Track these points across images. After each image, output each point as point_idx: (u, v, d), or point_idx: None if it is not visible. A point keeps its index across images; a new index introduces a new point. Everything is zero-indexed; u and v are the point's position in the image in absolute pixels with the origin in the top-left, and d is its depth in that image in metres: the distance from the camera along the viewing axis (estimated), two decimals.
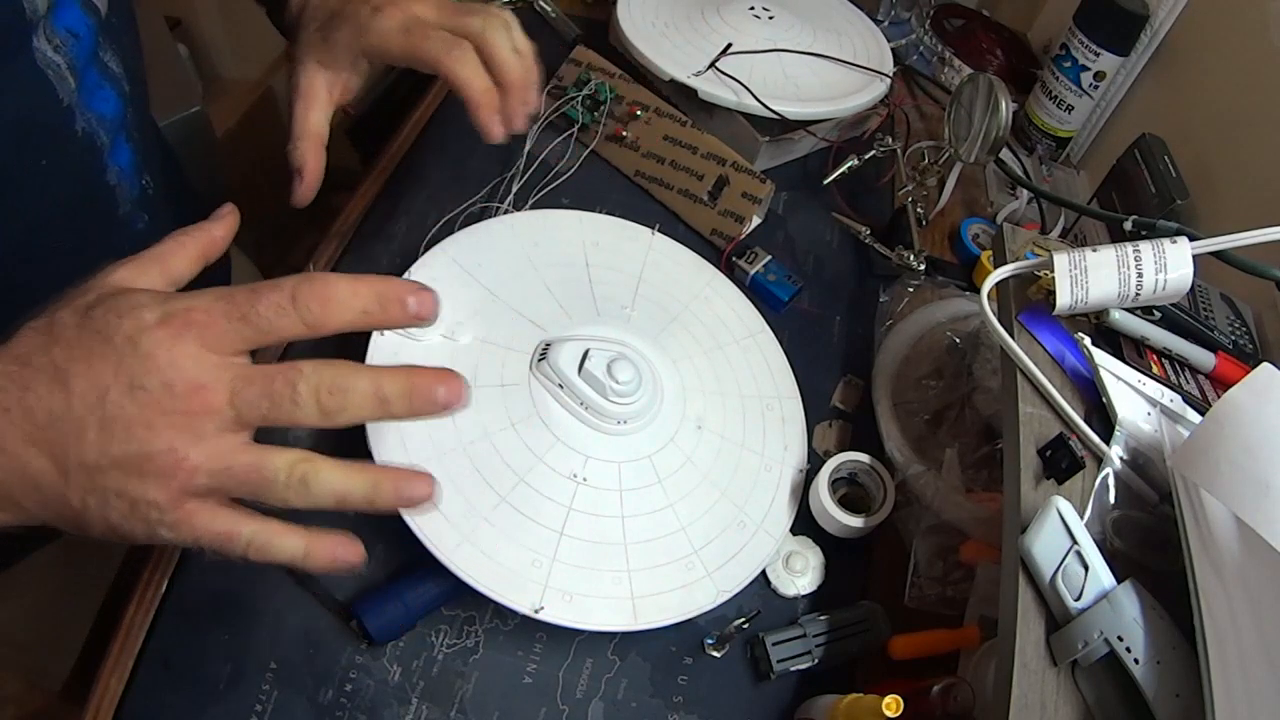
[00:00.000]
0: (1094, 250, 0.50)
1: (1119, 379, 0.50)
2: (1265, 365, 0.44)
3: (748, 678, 0.55)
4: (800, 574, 0.58)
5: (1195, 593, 0.40)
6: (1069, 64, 0.86)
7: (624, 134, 0.78)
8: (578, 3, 0.94)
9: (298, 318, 0.33)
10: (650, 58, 0.80)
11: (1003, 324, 0.53)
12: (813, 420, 0.66)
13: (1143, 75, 0.85)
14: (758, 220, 0.75)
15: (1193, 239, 0.49)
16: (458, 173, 0.74)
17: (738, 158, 0.75)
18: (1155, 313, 0.54)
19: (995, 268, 0.54)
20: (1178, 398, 0.51)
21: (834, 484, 0.60)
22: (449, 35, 0.51)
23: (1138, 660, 0.39)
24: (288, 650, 0.50)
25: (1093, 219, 0.78)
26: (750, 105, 0.76)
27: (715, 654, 0.55)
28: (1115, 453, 0.47)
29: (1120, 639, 0.40)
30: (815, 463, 0.61)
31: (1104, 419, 0.49)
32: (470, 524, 0.50)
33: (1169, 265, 0.48)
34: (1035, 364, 0.50)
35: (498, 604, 0.49)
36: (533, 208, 0.70)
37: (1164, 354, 0.54)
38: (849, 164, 0.78)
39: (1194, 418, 0.50)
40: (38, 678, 0.76)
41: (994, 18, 1.06)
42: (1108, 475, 0.47)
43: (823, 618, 0.56)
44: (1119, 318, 0.52)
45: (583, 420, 0.56)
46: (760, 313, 0.69)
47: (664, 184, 0.77)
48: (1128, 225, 0.57)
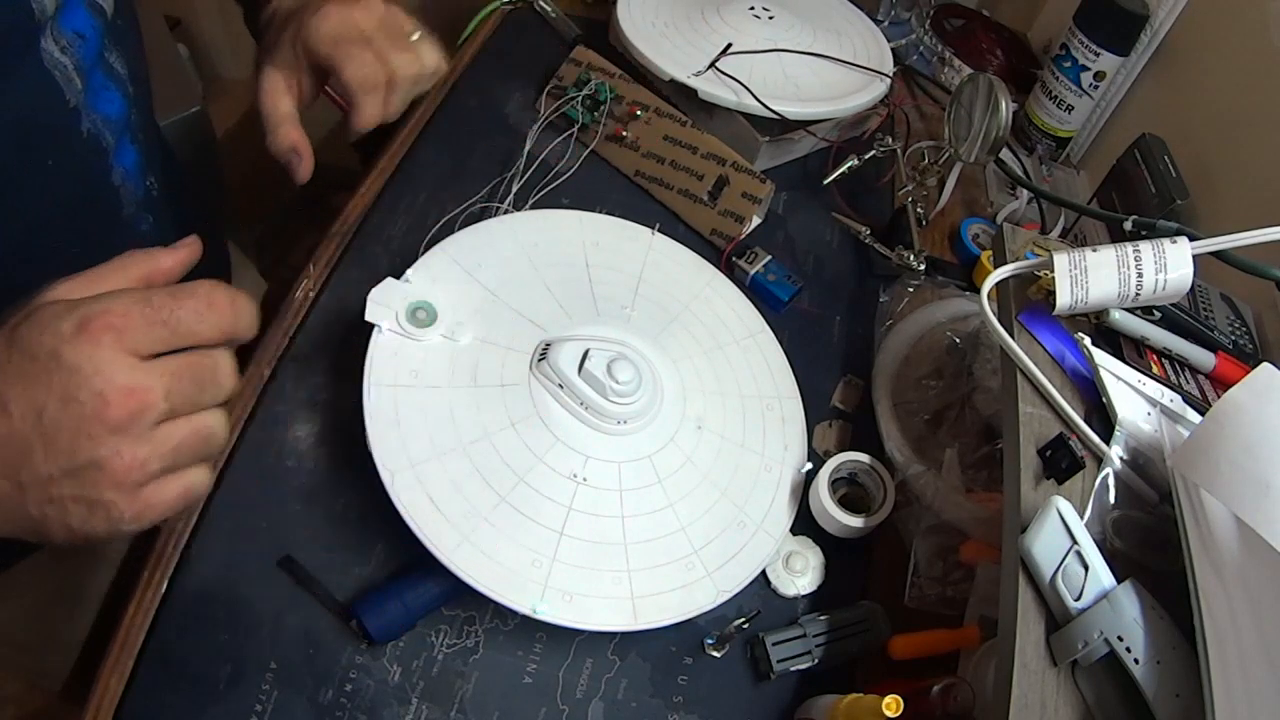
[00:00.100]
0: (1094, 250, 0.50)
1: (1119, 379, 0.50)
2: (1265, 365, 0.44)
3: (748, 678, 0.55)
4: (800, 574, 0.58)
5: (1195, 593, 0.40)
6: (1069, 64, 0.86)
7: (624, 134, 0.78)
8: (578, 3, 0.94)
9: (215, 324, 0.35)
10: (650, 58, 0.80)
11: (1003, 324, 0.53)
12: (813, 420, 0.66)
13: (1143, 75, 0.85)
14: (758, 220, 0.75)
15: (1193, 239, 0.49)
16: (458, 173, 0.74)
17: (738, 158, 0.75)
18: (1155, 313, 0.54)
19: (995, 268, 0.54)
20: (1178, 398, 0.51)
21: (834, 484, 0.60)
22: (371, 68, 0.53)
23: (1138, 660, 0.39)
24: (288, 650, 0.50)
25: (1093, 219, 0.78)
26: (750, 105, 0.76)
27: (715, 654, 0.55)
28: (1115, 453, 0.47)
29: (1120, 639, 0.40)
30: (815, 463, 0.61)
31: (1104, 419, 0.49)
32: (470, 524, 0.50)
33: (1169, 265, 0.48)
34: (1035, 364, 0.50)
35: (498, 604, 0.49)
36: (533, 208, 0.70)
37: (1164, 354, 0.54)
38: (849, 164, 0.78)
39: (1194, 418, 0.50)
40: (38, 678, 0.76)
41: (994, 18, 1.06)
42: (1108, 475, 0.47)
43: (823, 618, 0.56)
44: (1119, 318, 0.52)
45: (583, 420, 0.56)
46: (760, 313, 0.69)
47: (664, 184, 0.77)
48: (1128, 225, 0.57)
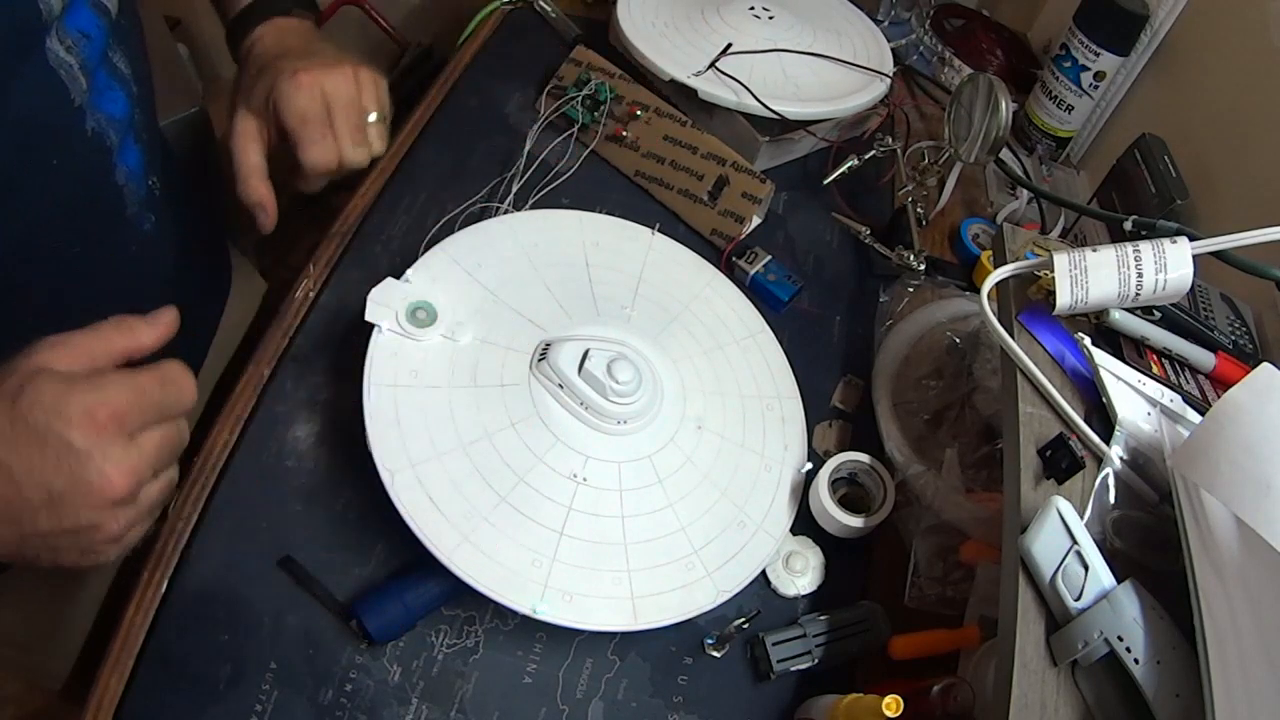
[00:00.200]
0: (1094, 250, 0.50)
1: (1119, 379, 0.50)
2: (1265, 365, 0.44)
3: (748, 678, 0.55)
4: (800, 574, 0.58)
5: (1195, 593, 0.40)
6: (1069, 64, 0.86)
7: (624, 134, 0.78)
8: (578, 3, 0.94)
9: (181, 401, 0.41)
10: (650, 58, 0.80)
11: (1003, 324, 0.53)
12: (813, 420, 0.66)
13: (1143, 75, 0.85)
14: (758, 220, 0.75)
15: (1193, 239, 0.49)
16: (458, 173, 0.74)
17: (738, 158, 0.75)
18: (1155, 313, 0.54)
19: (995, 268, 0.54)
20: (1178, 398, 0.51)
21: (834, 484, 0.60)
22: (328, 155, 0.57)
23: (1138, 660, 0.39)
24: (288, 650, 0.50)
25: (1093, 219, 0.78)
26: (750, 105, 0.76)
27: (715, 654, 0.55)
28: (1115, 453, 0.47)
29: (1120, 639, 0.40)
30: (815, 463, 0.61)
31: (1104, 419, 0.49)
32: (470, 524, 0.50)
33: (1169, 265, 0.48)
34: (1035, 364, 0.50)
35: (498, 604, 0.49)
36: (533, 208, 0.70)
37: (1164, 354, 0.54)
38: (849, 164, 0.78)
39: (1194, 418, 0.50)
40: (38, 678, 0.76)
41: (994, 18, 1.06)
42: (1108, 475, 0.47)
43: (823, 618, 0.56)
44: (1119, 318, 0.52)
45: (583, 420, 0.56)
46: (760, 313, 0.69)
47: (664, 184, 0.77)
48: (1128, 225, 0.57)
